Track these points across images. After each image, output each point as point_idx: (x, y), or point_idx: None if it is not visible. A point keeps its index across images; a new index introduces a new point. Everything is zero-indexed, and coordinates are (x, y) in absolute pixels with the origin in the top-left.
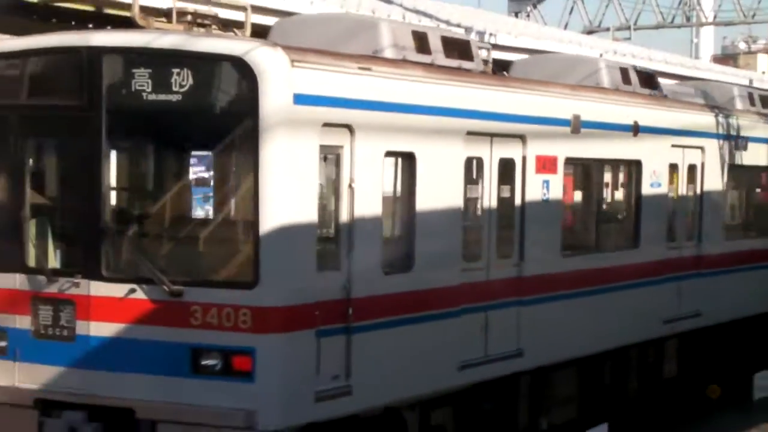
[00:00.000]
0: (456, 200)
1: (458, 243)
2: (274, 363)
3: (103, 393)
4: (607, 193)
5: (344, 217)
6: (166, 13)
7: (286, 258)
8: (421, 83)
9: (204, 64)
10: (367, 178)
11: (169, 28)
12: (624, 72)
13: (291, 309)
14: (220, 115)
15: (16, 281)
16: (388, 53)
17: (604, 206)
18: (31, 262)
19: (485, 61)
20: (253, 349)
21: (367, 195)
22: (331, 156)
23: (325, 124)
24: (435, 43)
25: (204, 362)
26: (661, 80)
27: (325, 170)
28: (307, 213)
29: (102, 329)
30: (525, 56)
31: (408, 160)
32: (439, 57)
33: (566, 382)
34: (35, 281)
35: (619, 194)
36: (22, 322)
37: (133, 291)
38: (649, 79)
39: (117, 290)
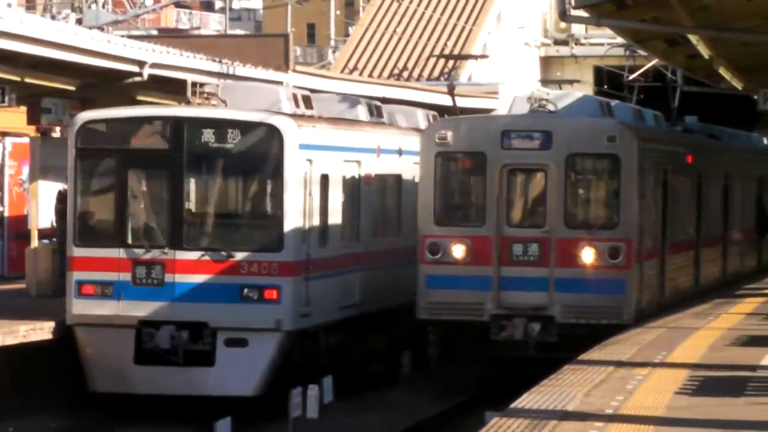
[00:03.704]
0: (343, 200)
1: (341, 229)
2: (290, 294)
3: (186, 315)
4: (387, 198)
5: (308, 211)
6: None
7: (295, 235)
8: (330, 131)
9: (250, 127)
10: (315, 190)
11: (196, 101)
12: (377, 107)
13: (297, 263)
14: (259, 155)
15: (119, 253)
16: (285, 108)
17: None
18: (130, 240)
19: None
20: (280, 285)
21: (316, 199)
22: (305, 177)
23: (306, 159)
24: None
25: (248, 294)
26: None
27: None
28: (302, 209)
29: (183, 278)
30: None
31: (325, 178)
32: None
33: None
34: (132, 252)
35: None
36: (124, 276)
37: (204, 255)
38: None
39: (193, 255)
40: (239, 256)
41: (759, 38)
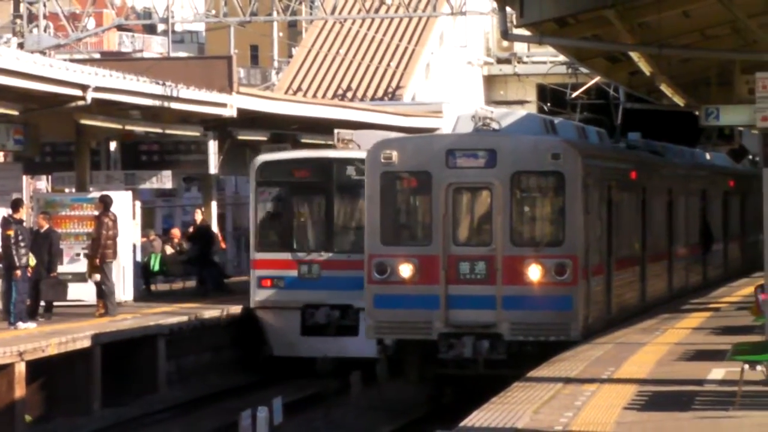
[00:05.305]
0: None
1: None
2: None
3: (336, 300)
4: None
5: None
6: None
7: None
8: None
9: None
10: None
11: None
12: None
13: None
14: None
15: (288, 256)
16: None
17: None
18: (295, 246)
19: None
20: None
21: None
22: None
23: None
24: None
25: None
26: None
27: None
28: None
29: (334, 273)
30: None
31: None
32: None
33: None
34: (297, 255)
35: None
36: (291, 273)
37: (348, 256)
38: None
39: (341, 256)
40: (354, 256)
41: (698, 54)
